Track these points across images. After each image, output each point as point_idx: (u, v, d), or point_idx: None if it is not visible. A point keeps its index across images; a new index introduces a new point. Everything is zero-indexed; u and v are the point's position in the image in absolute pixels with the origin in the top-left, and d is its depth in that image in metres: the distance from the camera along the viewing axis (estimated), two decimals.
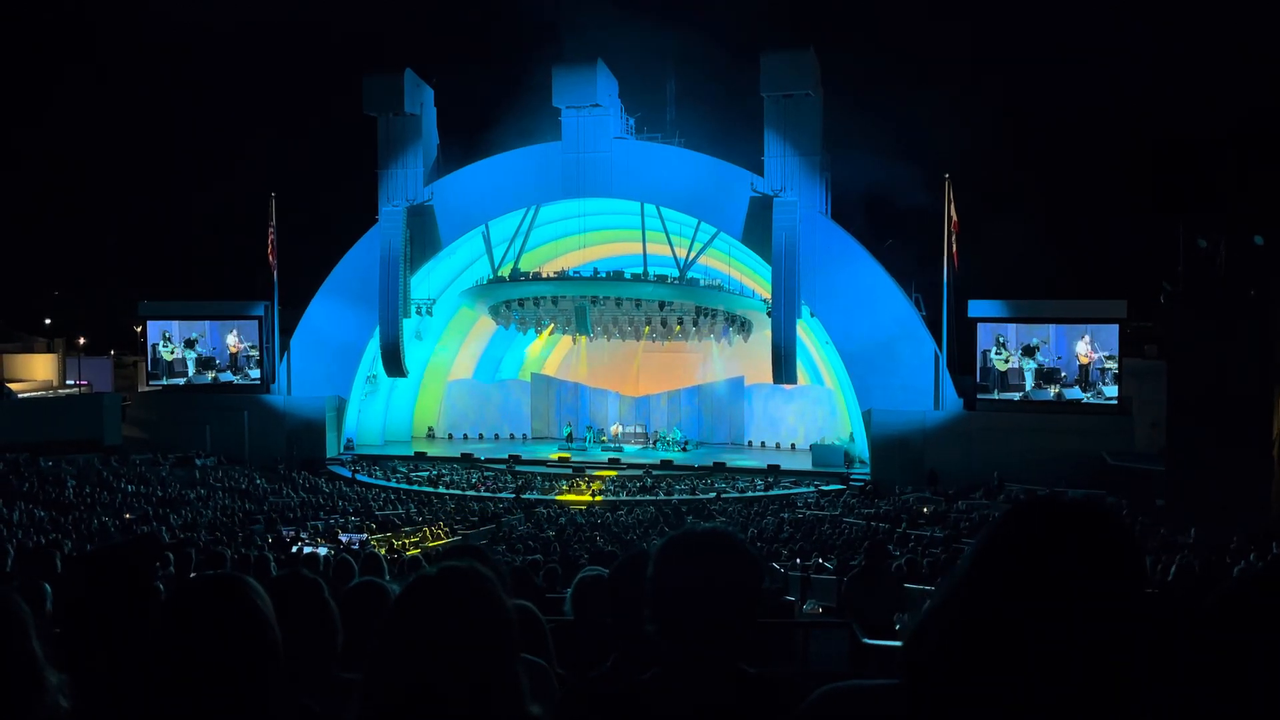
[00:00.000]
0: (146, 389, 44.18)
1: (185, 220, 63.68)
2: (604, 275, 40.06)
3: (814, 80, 36.91)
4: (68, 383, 51.83)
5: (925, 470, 34.34)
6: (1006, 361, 35.53)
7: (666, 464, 39.07)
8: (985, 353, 35.77)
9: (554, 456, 40.64)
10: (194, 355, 42.97)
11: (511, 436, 46.74)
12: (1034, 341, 35.40)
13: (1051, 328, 35.44)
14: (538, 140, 40.20)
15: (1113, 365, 34.75)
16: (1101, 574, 1.38)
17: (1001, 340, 35.65)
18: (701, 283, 39.77)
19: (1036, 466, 31.47)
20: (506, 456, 40.64)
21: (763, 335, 38.47)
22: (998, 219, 45.78)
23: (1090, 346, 34.95)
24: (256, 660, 2.00)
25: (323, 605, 2.70)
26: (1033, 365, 35.41)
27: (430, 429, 47.06)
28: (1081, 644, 1.35)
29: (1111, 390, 34.78)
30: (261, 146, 57.01)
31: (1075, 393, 35.11)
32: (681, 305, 39.22)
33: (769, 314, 36.91)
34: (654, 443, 43.64)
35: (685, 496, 33.57)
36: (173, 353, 42.94)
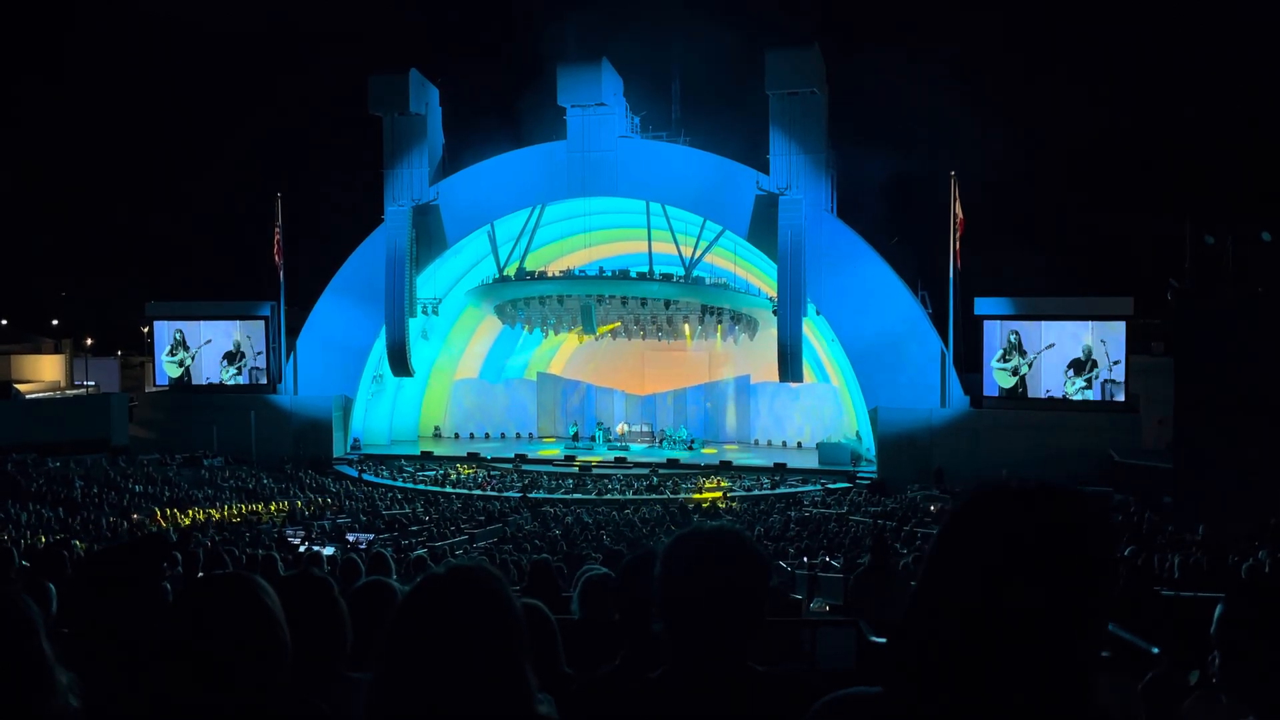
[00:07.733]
0: (153, 389, 44.25)
1: (192, 221, 63.80)
2: (609, 274, 40.01)
3: (819, 78, 36.80)
4: (76, 383, 51.98)
5: (932, 468, 34.28)
6: (1015, 373, 35.44)
7: (673, 462, 39.01)
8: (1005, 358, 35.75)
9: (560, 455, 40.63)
10: (201, 355, 43.01)
11: (518, 436, 46.76)
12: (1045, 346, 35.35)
13: (1057, 326, 35.28)
14: (543, 139, 40.18)
15: (1119, 362, 34.61)
16: (1064, 555, 1.36)
17: (1014, 342, 35.40)
18: (707, 281, 39.64)
19: (1043, 464, 31.33)
20: (513, 456, 40.65)
21: (768, 333, 38.37)
22: (1003, 216, 45.69)
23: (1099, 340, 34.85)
24: (265, 659, 2.00)
25: (332, 604, 2.70)
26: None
27: (437, 428, 47.10)
28: (1048, 626, 1.34)
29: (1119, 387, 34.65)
30: (267, 146, 57.15)
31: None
32: (687, 304, 39.17)
33: (775, 312, 36.83)
34: (660, 441, 43.61)
35: (692, 495, 33.53)
36: (179, 355, 42.97)
